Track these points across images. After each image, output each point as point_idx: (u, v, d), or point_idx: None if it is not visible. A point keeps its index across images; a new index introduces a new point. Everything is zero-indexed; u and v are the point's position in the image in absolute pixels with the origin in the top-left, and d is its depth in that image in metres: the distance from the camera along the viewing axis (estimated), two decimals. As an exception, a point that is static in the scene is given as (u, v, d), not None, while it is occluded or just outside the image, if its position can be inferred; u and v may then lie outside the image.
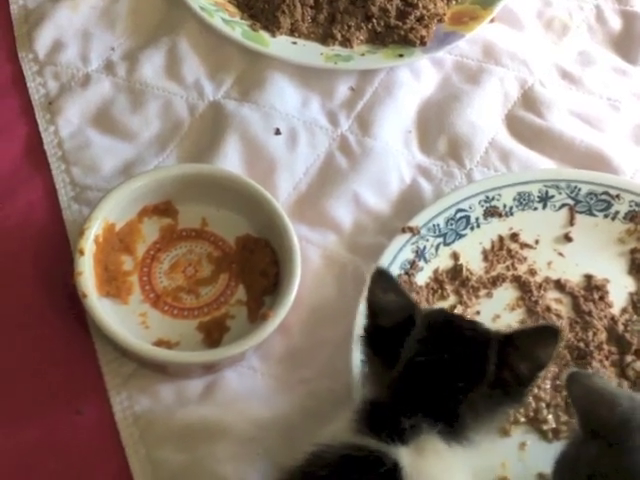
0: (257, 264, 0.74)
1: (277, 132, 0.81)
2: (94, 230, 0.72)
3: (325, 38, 0.86)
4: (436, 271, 0.74)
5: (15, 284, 0.74)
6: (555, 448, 0.66)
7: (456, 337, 0.58)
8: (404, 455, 0.55)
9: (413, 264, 0.73)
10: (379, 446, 0.55)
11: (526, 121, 0.84)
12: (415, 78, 0.86)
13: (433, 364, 0.57)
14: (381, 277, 0.60)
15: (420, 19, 0.86)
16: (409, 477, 0.54)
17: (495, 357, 0.57)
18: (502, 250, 0.75)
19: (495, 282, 0.74)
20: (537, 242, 0.76)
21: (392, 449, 0.55)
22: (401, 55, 0.85)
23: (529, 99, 0.85)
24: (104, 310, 0.70)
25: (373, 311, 0.60)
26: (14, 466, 0.67)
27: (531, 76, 0.87)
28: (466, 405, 0.56)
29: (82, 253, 0.71)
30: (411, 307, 0.59)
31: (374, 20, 0.86)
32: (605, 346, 0.70)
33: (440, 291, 0.73)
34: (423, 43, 0.85)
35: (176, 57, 0.85)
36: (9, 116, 0.82)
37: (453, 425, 0.56)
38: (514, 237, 0.76)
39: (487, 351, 0.57)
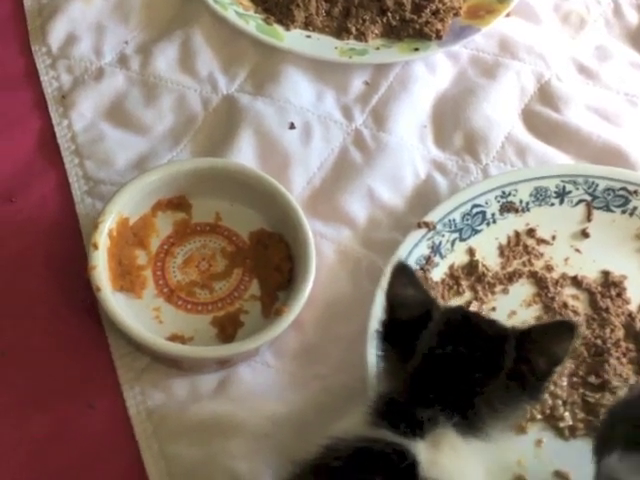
0: (271, 259, 0.74)
1: (291, 126, 0.81)
2: (108, 224, 0.72)
3: (340, 32, 0.86)
4: (452, 267, 0.73)
5: (28, 278, 0.74)
6: (572, 446, 0.66)
7: (474, 331, 0.58)
8: (420, 448, 0.54)
9: (429, 260, 0.73)
10: (395, 439, 0.54)
11: (543, 116, 0.83)
12: (430, 72, 0.85)
13: (450, 357, 0.56)
14: (401, 271, 0.60)
15: (436, 13, 0.86)
16: (425, 470, 0.54)
17: (513, 351, 0.56)
18: (518, 246, 0.75)
19: (511, 278, 0.73)
20: (554, 238, 0.75)
21: (408, 442, 0.54)
22: (416, 49, 0.85)
23: (546, 93, 0.85)
24: (118, 304, 0.69)
25: (391, 305, 0.60)
26: (26, 458, 0.67)
27: (548, 70, 0.86)
28: (483, 398, 0.56)
29: (96, 247, 0.70)
30: (429, 302, 0.59)
31: (389, 14, 0.86)
32: (623, 343, 0.70)
33: (456, 287, 0.72)
34: (439, 37, 0.85)
35: (190, 50, 0.85)
36: (22, 110, 0.82)
37: (469, 418, 0.56)
38: (531, 233, 0.75)
39: (504, 345, 0.57)
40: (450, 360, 0.56)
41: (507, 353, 0.56)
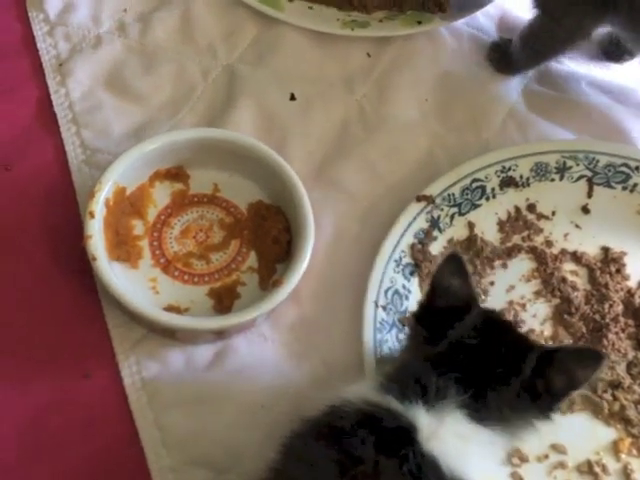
0: (269, 231, 0.73)
1: (292, 97, 0.80)
2: (104, 193, 0.71)
3: (342, 3, 0.85)
4: (450, 241, 0.73)
5: (24, 247, 0.73)
6: (569, 420, 0.66)
7: (505, 334, 0.58)
8: (423, 419, 0.54)
9: (427, 233, 0.72)
10: (399, 407, 0.54)
11: (543, 93, 0.83)
12: (433, 47, 0.85)
13: (475, 349, 0.57)
14: (453, 260, 0.60)
15: (439, -14, 0.85)
16: (425, 440, 0.54)
17: (534, 361, 0.56)
18: (518, 221, 0.74)
19: (510, 253, 0.73)
20: (554, 213, 0.75)
21: (412, 411, 0.54)
22: (419, 22, 0.84)
23: (544, 74, 0.84)
24: (114, 274, 0.69)
25: (435, 290, 0.60)
26: (21, 428, 0.67)
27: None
28: (494, 396, 0.56)
29: (92, 216, 0.70)
30: (472, 297, 0.59)
31: (392, -14, 0.85)
32: (621, 318, 0.70)
33: (454, 261, 0.72)
34: (442, 10, 0.84)
35: (190, 20, 0.84)
36: (19, 77, 0.81)
37: (478, 404, 0.55)
38: (531, 208, 0.75)
39: (528, 354, 0.57)
40: (474, 352, 0.56)
41: (528, 361, 0.56)
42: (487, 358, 0.56)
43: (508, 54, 0.82)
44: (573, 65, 0.85)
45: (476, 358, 0.56)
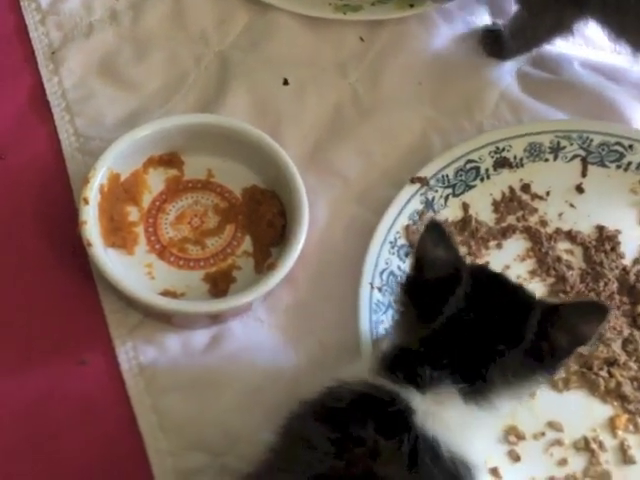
0: (264, 215, 0.73)
1: (285, 82, 0.80)
2: (99, 179, 0.71)
3: (334, -13, 0.85)
4: (445, 222, 0.73)
5: (19, 234, 0.73)
6: (565, 398, 0.66)
7: (500, 298, 0.56)
8: (419, 400, 0.54)
9: (422, 215, 0.72)
10: (394, 388, 0.54)
11: (536, 75, 0.83)
12: (426, 30, 0.84)
13: (472, 324, 0.55)
14: (434, 229, 0.58)
15: (430, -32, 0.85)
16: (423, 421, 0.53)
17: (536, 325, 0.55)
18: (513, 201, 0.74)
19: (505, 233, 0.73)
20: (548, 193, 0.75)
21: (408, 392, 0.54)
22: (411, 5, 0.84)
23: (537, 56, 0.84)
24: (109, 260, 0.69)
25: (420, 262, 0.58)
26: (18, 415, 0.67)
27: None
28: (497, 368, 0.55)
29: (86, 202, 0.70)
30: (458, 263, 0.57)
31: (384, -31, 0.85)
32: (617, 296, 0.70)
33: (449, 242, 0.72)
34: (434, -8, 0.84)
35: (181, 6, 0.84)
36: (12, 66, 0.81)
37: (477, 387, 0.55)
38: (525, 188, 0.75)
39: (528, 317, 0.55)
40: (471, 327, 0.55)
41: (530, 326, 0.55)
42: (483, 333, 0.55)
43: (500, 39, 0.82)
44: (565, 46, 0.85)
45: (472, 336, 0.55)
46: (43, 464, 0.65)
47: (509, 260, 0.72)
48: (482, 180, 0.75)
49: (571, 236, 0.73)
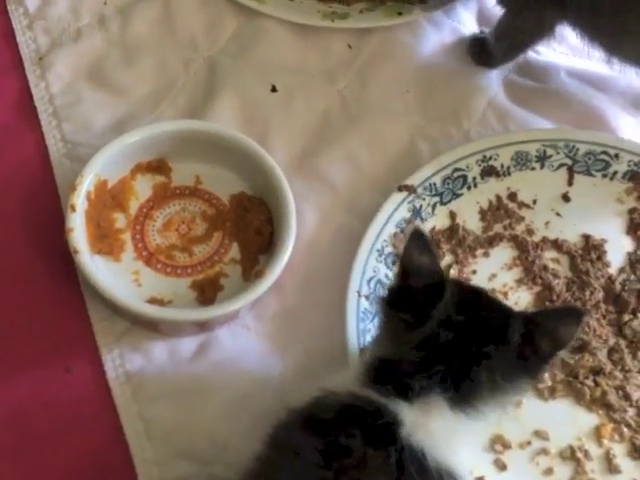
0: (252, 222, 0.73)
1: (273, 89, 0.80)
2: (86, 186, 0.71)
3: (322, -5, 0.85)
4: (432, 230, 0.73)
5: (5, 241, 0.73)
6: (551, 406, 0.67)
7: (484, 307, 0.58)
8: (406, 411, 0.54)
9: (409, 223, 0.72)
10: (381, 399, 0.54)
11: (523, 83, 0.83)
12: (414, 38, 0.85)
13: (461, 328, 0.56)
14: (418, 238, 0.59)
15: (419, -24, 0.85)
16: (410, 432, 0.53)
17: (519, 329, 0.56)
18: (499, 210, 0.75)
19: (492, 242, 0.73)
20: (535, 202, 0.75)
21: (395, 404, 0.54)
22: (399, 13, 0.84)
23: (524, 64, 0.84)
24: (96, 267, 0.69)
25: (406, 271, 0.58)
26: (4, 422, 0.66)
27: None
28: (485, 371, 0.55)
29: (73, 209, 0.69)
30: (440, 273, 0.59)
31: (372, -23, 0.85)
32: (602, 305, 0.70)
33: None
34: (422, 1, 0.84)
35: (170, 12, 0.84)
36: (-1, 71, 0.81)
37: (464, 392, 0.55)
38: (512, 197, 0.75)
39: (510, 323, 0.56)
40: (459, 332, 0.55)
41: (514, 330, 0.56)
42: (472, 336, 0.56)
43: (487, 48, 0.82)
44: (552, 55, 0.85)
45: (460, 340, 0.55)
46: (27, 472, 0.65)
47: (496, 269, 0.72)
48: (469, 188, 0.75)
49: (557, 245, 0.73)
